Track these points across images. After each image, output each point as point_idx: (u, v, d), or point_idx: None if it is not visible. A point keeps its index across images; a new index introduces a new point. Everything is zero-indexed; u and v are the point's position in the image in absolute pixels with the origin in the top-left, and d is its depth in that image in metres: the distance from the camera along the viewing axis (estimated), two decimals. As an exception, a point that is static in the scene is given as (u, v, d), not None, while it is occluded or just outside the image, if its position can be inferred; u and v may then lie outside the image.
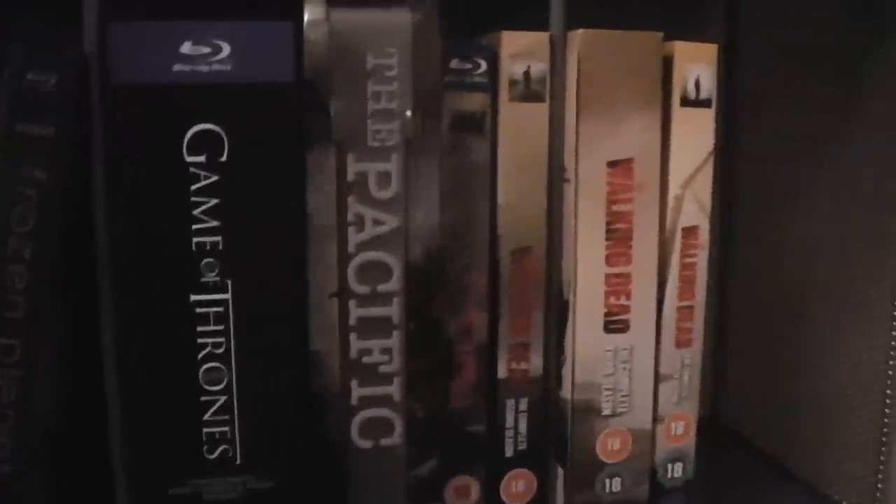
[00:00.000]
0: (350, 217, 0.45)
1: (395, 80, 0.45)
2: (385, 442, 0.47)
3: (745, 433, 0.71)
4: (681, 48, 0.49)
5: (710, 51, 0.50)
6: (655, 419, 0.52)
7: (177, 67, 0.44)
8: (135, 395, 0.46)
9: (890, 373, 0.55)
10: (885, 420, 0.55)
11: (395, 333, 0.47)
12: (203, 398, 0.46)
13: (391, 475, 0.48)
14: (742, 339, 0.72)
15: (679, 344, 0.52)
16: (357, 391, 0.47)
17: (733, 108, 0.71)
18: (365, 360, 0.47)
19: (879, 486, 0.56)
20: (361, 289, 0.46)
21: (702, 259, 0.51)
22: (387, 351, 0.47)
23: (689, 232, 0.51)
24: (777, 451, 0.67)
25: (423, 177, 0.46)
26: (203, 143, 0.44)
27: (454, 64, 0.48)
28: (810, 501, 0.61)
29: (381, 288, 0.46)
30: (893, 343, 0.55)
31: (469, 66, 0.48)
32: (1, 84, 0.45)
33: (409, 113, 0.45)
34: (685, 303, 0.51)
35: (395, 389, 0.47)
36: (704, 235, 0.51)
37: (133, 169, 0.44)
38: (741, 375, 0.72)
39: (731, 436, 0.72)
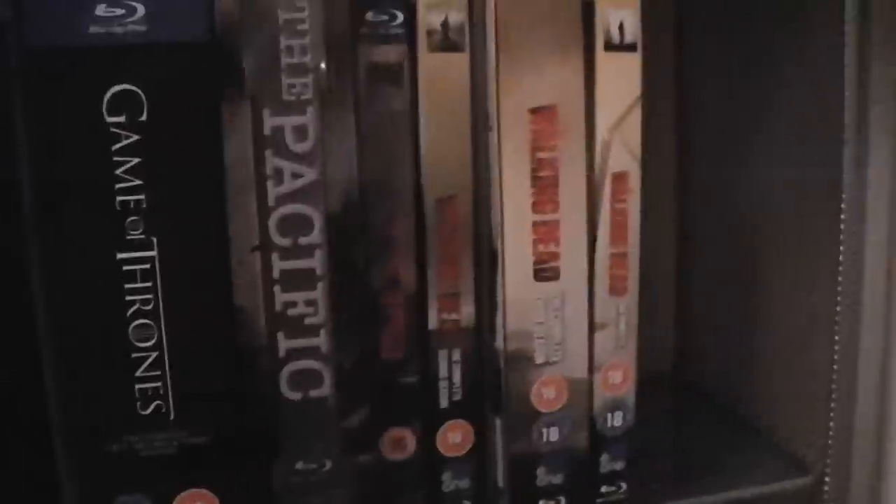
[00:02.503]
0: (268, 171, 0.48)
1: (307, 34, 0.48)
2: (314, 393, 0.51)
3: (705, 387, 0.74)
4: (602, -8, 0.52)
5: (632, -6, 0.53)
6: (592, 368, 0.55)
7: (92, 29, 0.47)
8: (67, 354, 0.50)
9: (837, 318, 0.57)
10: (834, 368, 0.58)
11: (320, 285, 0.50)
12: (134, 355, 0.50)
13: (322, 426, 0.51)
14: (701, 294, 0.75)
15: (613, 291, 0.54)
16: (284, 343, 0.50)
17: (682, 54, 0.74)
18: (290, 312, 0.50)
19: (830, 433, 0.59)
20: (283, 241, 0.49)
21: (633, 205, 0.54)
22: (312, 303, 0.50)
23: (619, 178, 0.53)
24: (735, 403, 0.69)
25: (339, 129, 0.49)
26: (122, 103, 0.48)
27: (370, 16, 0.50)
28: (765, 452, 0.64)
29: (303, 240, 0.49)
30: (839, 290, 0.57)
31: (385, 17, 0.51)
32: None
33: (322, 65, 0.48)
34: (618, 249, 0.54)
35: (321, 341, 0.50)
36: (635, 181, 0.54)
37: (54, 132, 0.48)
38: (702, 330, 0.75)
39: (692, 390, 0.74)
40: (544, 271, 0.53)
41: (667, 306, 0.78)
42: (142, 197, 0.48)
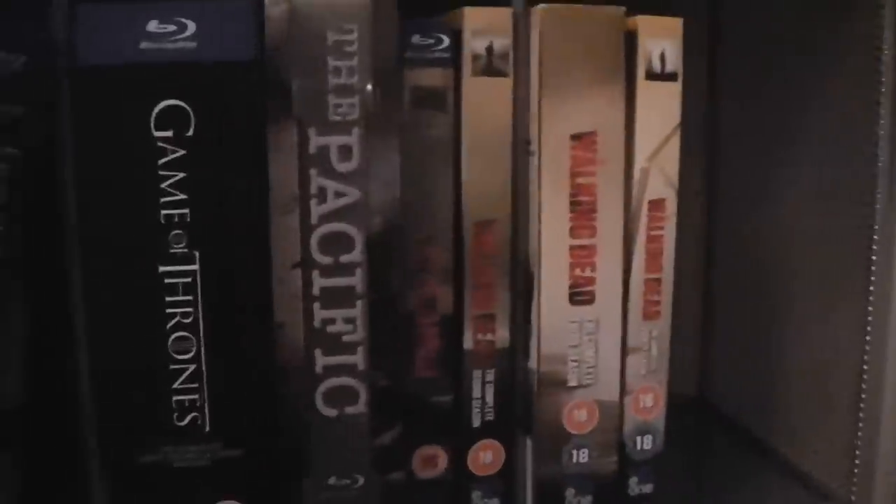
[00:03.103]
0: (313, 189, 0.50)
1: (355, 56, 0.49)
2: (350, 410, 0.52)
3: (730, 412, 0.75)
4: (644, 22, 0.54)
5: (674, 25, 0.54)
6: (623, 391, 0.56)
7: (144, 45, 0.49)
8: (105, 363, 0.51)
9: (867, 348, 0.59)
10: (861, 396, 0.59)
11: (359, 303, 0.51)
12: (173, 367, 0.51)
13: (356, 443, 0.53)
14: (726, 319, 0.76)
15: (647, 316, 0.56)
16: (321, 360, 0.51)
17: (716, 85, 0.75)
18: (329, 329, 0.51)
19: (857, 462, 0.60)
20: (324, 259, 0.50)
21: (669, 231, 0.55)
22: (350, 320, 0.51)
23: (656, 205, 0.55)
24: (759, 429, 0.71)
25: (383, 150, 0.50)
26: (170, 118, 0.49)
27: (416, 40, 0.52)
28: (787, 478, 0.65)
29: (344, 258, 0.51)
30: (867, 319, 0.58)
31: (431, 41, 0.52)
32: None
33: (369, 87, 0.49)
34: (652, 275, 0.55)
35: (358, 358, 0.52)
36: (671, 208, 0.55)
37: (103, 145, 0.49)
38: (726, 355, 0.76)
39: (717, 415, 0.76)
40: (580, 295, 0.54)
41: (693, 331, 0.80)
42: (186, 211, 0.50)
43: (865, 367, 0.59)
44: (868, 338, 0.59)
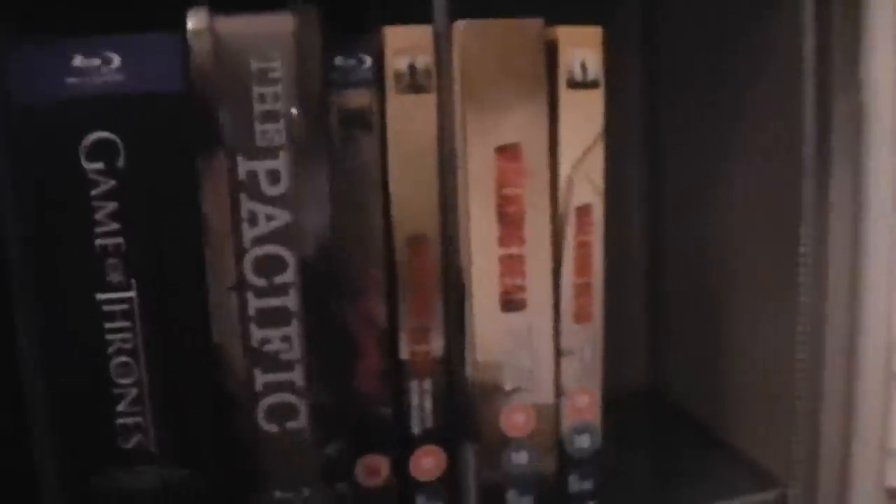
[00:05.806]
0: (243, 214, 0.54)
1: (280, 82, 0.53)
2: (291, 425, 0.56)
3: (682, 403, 0.80)
4: (564, 32, 0.57)
5: (594, 34, 0.58)
6: (559, 393, 0.61)
7: (70, 80, 0.52)
8: (52, 391, 0.55)
9: (801, 339, 0.63)
10: (799, 386, 0.63)
11: (294, 322, 0.55)
12: (115, 391, 0.55)
13: (299, 457, 0.57)
14: (675, 314, 0.80)
15: (578, 319, 0.60)
16: (260, 378, 0.55)
17: (655, 93, 0.79)
18: (266, 348, 0.55)
19: (796, 449, 0.64)
20: (258, 281, 0.54)
21: (597, 237, 0.59)
22: (287, 339, 0.55)
23: (583, 211, 0.59)
24: (708, 419, 0.75)
25: (312, 173, 0.54)
26: (100, 150, 0.53)
27: (339, 62, 0.56)
28: (736, 467, 0.70)
29: (278, 280, 0.54)
30: (800, 317, 0.63)
31: (354, 62, 0.56)
32: None
33: (294, 112, 0.53)
34: (582, 279, 0.59)
35: (297, 376, 0.56)
36: (598, 213, 0.59)
37: (36, 180, 0.53)
38: (676, 348, 0.80)
39: (667, 405, 0.80)
40: (511, 303, 0.58)
41: (643, 326, 0.84)
42: (120, 240, 0.54)
43: (801, 356, 0.63)
44: (800, 333, 0.63)
